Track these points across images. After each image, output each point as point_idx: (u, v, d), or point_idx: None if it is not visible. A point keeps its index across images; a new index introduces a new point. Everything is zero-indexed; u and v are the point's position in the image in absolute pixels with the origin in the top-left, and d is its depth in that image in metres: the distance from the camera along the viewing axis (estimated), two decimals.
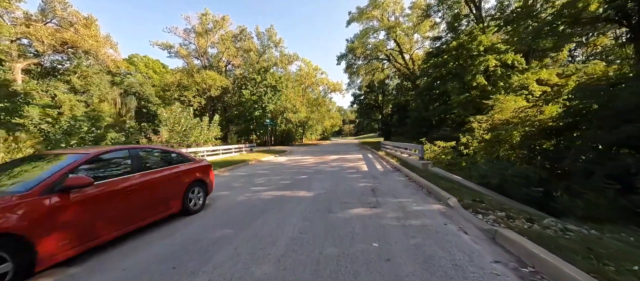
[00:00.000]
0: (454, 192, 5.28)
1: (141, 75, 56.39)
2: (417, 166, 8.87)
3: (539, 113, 10.40)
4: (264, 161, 14.32)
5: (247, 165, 12.58)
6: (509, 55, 17.07)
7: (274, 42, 40.44)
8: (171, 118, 13.39)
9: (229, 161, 13.26)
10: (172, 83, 34.42)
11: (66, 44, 27.82)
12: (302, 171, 9.50)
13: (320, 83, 50.94)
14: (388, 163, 11.65)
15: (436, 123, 24.22)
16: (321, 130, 59.77)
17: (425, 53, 25.85)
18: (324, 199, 5.42)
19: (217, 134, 16.02)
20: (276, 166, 11.92)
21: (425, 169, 8.39)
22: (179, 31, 38.89)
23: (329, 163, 12.48)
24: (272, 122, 30.41)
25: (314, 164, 11.89)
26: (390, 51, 30.22)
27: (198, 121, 14.60)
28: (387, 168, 10.05)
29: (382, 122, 42.58)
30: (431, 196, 5.47)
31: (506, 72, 17.69)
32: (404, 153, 12.46)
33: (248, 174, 9.46)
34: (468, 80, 17.99)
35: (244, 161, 13.39)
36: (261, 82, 37.69)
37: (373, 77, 36.52)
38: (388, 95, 40.27)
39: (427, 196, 5.54)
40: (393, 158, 12.70)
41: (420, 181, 6.61)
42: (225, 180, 8.33)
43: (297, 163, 12.75)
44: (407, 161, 10.41)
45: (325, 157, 15.73)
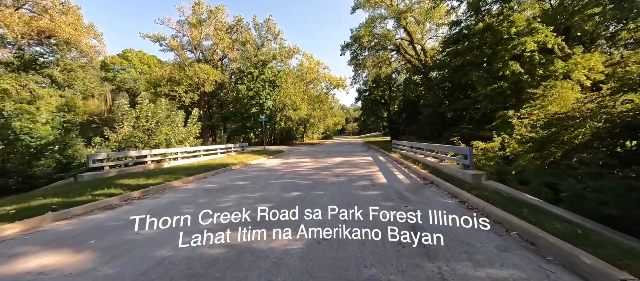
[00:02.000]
0: (576, 240, 2.50)
1: (135, 70, 53.98)
2: (463, 179, 6.06)
3: (612, 104, 7.55)
4: (251, 165, 11.58)
5: (228, 171, 9.84)
6: (549, 37, 14.11)
7: (273, 34, 37.67)
8: (135, 112, 10.66)
9: (206, 165, 10.55)
10: (161, 77, 31.77)
11: (43, 33, 25.31)
12: (294, 184, 6.73)
13: (323, 79, 48.14)
14: (411, 170, 8.84)
15: (452, 120, 21.33)
16: (323, 129, 56.99)
17: (441, 42, 22.92)
18: (324, 260, 2.65)
19: (196, 132, 13.27)
20: (263, 173, 9.16)
21: (477, 184, 5.58)
22: (172, 23, 36.20)
23: (332, 168, 9.69)
24: (267, 118, 27.70)
25: (313, 171, 9.11)
26: (400, 40, 27.30)
27: (171, 115, 11.84)
28: (413, 178, 7.24)
29: (388, 120, 39.62)
30: (539, 251, 2.68)
31: (545, 58, 14.75)
32: (429, 155, 9.64)
33: (219, 188, 6.71)
34: (497, 67, 15.07)
35: (225, 165, 10.66)
36: (259, 76, 34.96)
37: (379, 71, 33.56)
38: (396, 91, 37.27)
39: (532, 252, 2.74)
40: (415, 162, 9.88)
41: (495, 213, 3.81)
42: (179, 199, 5.59)
43: (291, 169, 9.98)
44: (439, 169, 7.59)
45: (328, 159, 12.95)
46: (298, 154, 17.50)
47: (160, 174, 8.35)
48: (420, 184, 6.50)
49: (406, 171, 8.70)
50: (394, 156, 13.51)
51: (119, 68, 55.51)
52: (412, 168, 8.82)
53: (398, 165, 10.18)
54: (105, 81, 48.80)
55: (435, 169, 7.79)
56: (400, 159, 11.40)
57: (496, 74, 15.84)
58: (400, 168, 9.42)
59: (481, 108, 16.15)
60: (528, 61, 14.94)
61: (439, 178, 6.47)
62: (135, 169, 9.26)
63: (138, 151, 9.56)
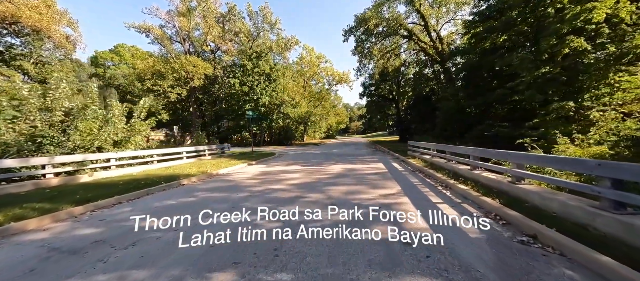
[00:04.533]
0: None
1: (127, 66, 51.10)
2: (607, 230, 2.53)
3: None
4: (216, 177, 8.15)
5: (171, 189, 6.44)
6: (622, 2, 10.41)
7: (269, 23, 34.22)
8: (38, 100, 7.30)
9: (148, 178, 7.16)
10: (144, 71, 28.54)
11: (5, 19, 22.26)
12: (246, 228, 3.22)
13: (325, 73, 44.58)
14: (455, 192, 5.32)
15: (477, 116, 17.75)
16: (326, 127, 53.47)
17: (463, 23, 19.23)
18: None
19: (146, 130, 9.89)
20: (217, 195, 5.74)
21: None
22: (160, 13, 32.93)
23: (327, 187, 6.20)
24: (256, 114, 24.37)
25: (295, 193, 5.65)
26: (412, 25, 23.62)
27: (94, 104, 8.45)
28: (480, 219, 3.65)
29: (396, 118, 35.92)
30: None
31: (614, 32, 11.05)
32: (476, 166, 6.10)
33: (94, 240, 3.29)
34: (548, 46, 11.41)
35: (176, 177, 7.27)
36: (253, 69, 31.58)
37: (386, 63, 29.85)
38: (404, 86, 33.51)
39: None
40: (456, 178, 6.33)
41: None
42: None
43: (265, 185, 6.51)
44: (522, 198, 4.07)
45: (324, 168, 9.47)
46: (290, 159, 14.05)
47: (35, 199, 5.00)
48: (513, 245, 2.97)
49: (451, 197, 5.16)
50: (414, 163, 9.97)
51: (110, 64, 52.82)
52: (459, 191, 5.29)
53: (430, 182, 6.64)
54: (94, 77, 45.96)
55: (514, 198, 4.25)
56: (428, 170, 7.86)
57: (544, 56, 12.19)
58: (435, 188, 5.89)
59: (525, 99, 12.52)
60: (593, 35, 11.25)
61: (547, 227, 2.96)
62: (11, 188, 5.92)
63: (23, 159, 6.20)
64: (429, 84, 29.11)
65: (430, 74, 29.74)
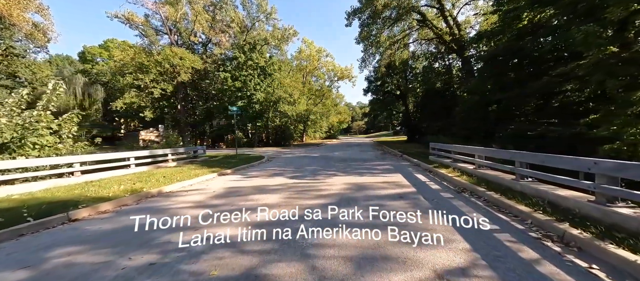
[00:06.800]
0: None
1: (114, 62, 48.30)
2: None
3: None
4: (146, 201, 5.20)
5: (32, 235, 3.50)
6: None
7: (264, 12, 31.21)
8: None
9: (18, 205, 4.21)
10: (126, 62, 25.62)
11: None
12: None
13: (326, 69, 41.54)
14: None
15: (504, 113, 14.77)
16: (327, 127, 50.37)
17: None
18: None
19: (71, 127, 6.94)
20: (74, 268, 2.78)
21: None
22: (147, 2, 29.98)
23: (313, 237, 3.18)
24: (240, 110, 21.48)
25: (252, 262, 2.66)
26: (426, 7, 20.52)
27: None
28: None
29: (405, 115, 32.76)
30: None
31: None
32: (618, 201, 3.07)
33: None
34: (635, 10, 8.30)
35: (72, 204, 4.33)
36: (246, 62, 28.61)
37: (393, 55, 26.77)
38: (413, 81, 30.36)
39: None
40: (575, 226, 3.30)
41: None
42: None
43: (196, 241, 3.51)
44: None
45: (319, 183, 6.45)
46: (278, 165, 11.06)
47: None
48: None
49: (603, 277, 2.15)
50: (449, 175, 6.88)
51: (100, 60, 50.16)
52: (617, 261, 2.28)
53: (507, 221, 3.61)
54: (80, 73, 43.19)
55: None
56: (488, 194, 4.82)
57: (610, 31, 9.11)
58: (539, 245, 2.87)
59: (591, 86, 9.43)
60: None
61: None
62: None
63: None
64: (440, 78, 26.01)
65: (441, 68, 26.66)
